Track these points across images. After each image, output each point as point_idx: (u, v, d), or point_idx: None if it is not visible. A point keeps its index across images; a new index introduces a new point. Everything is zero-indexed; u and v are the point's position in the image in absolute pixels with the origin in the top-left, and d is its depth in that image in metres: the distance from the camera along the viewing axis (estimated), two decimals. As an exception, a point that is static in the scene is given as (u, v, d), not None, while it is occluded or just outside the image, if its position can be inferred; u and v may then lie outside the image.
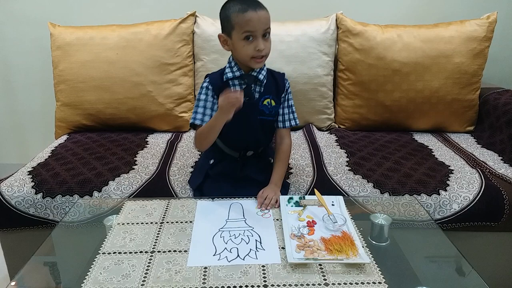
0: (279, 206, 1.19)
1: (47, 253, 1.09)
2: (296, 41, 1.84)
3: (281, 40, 1.81)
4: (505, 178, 1.44)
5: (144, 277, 0.91)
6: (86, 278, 0.90)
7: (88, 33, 1.84)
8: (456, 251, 1.04)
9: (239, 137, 1.31)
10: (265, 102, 1.29)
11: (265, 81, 1.28)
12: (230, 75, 1.26)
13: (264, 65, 1.28)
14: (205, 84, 1.28)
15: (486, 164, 1.55)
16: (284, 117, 1.36)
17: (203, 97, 1.27)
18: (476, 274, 0.95)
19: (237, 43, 1.19)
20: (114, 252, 0.99)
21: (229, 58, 1.28)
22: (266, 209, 1.18)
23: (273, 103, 1.30)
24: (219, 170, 1.34)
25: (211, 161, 1.36)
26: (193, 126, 1.34)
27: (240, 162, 1.34)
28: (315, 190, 1.23)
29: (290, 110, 1.37)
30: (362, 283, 0.89)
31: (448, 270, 1.07)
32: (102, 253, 0.99)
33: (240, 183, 1.31)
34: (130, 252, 0.99)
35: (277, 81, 1.32)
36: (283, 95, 1.34)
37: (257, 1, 1.19)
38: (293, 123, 1.37)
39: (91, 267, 0.94)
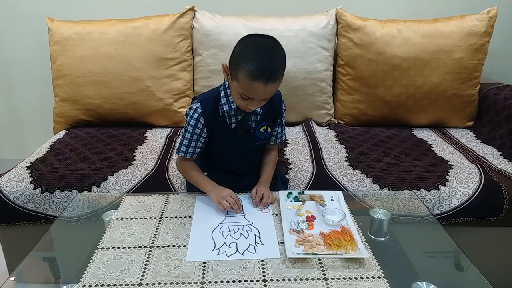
0: (273, 201, 1.19)
1: (45, 248, 1.08)
2: (295, 36, 1.83)
3: (281, 35, 1.78)
4: (504, 173, 1.44)
5: (143, 271, 0.90)
6: (84, 273, 0.90)
7: (87, 27, 1.83)
8: (455, 246, 1.04)
9: (236, 164, 1.29)
10: (261, 130, 1.24)
11: (261, 111, 1.21)
12: (226, 108, 1.16)
13: None
14: (196, 115, 1.17)
15: (486, 159, 1.55)
16: (277, 135, 1.31)
17: (190, 129, 1.18)
18: (475, 269, 0.95)
19: (234, 92, 1.10)
20: (113, 247, 0.99)
21: (225, 84, 1.17)
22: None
23: (269, 129, 1.25)
24: (215, 180, 1.23)
25: (205, 174, 1.27)
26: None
27: (236, 174, 1.31)
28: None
29: (282, 128, 1.32)
30: (362, 277, 0.89)
31: (447, 265, 1.07)
32: (101, 248, 0.99)
33: (241, 178, 1.31)
34: (129, 247, 0.99)
35: (273, 105, 1.23)
36: (279, 119, 1.28)
37: (275, 69, 1.04)
38: (283, 138, 1.34)
39: (90, 262, 0.94)
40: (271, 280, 0.88)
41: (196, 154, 1.23)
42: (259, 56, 1.03)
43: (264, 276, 0.89)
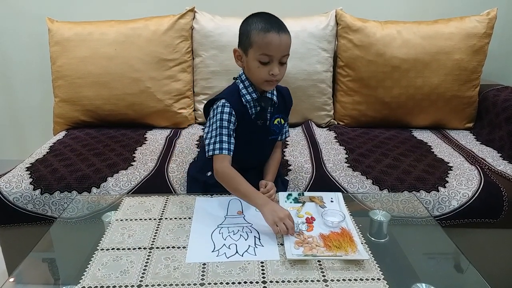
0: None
1: (45, 249, 1.08)
2: (295, 37, 1.80)
3: None
4: (504, 174, 1.44)
5: (143, 273, 0.90)
6: (84, 275, 0.90)
7: (87, 28, 1.83)
8: (455, 248, 1.03)
9: (249, 158, 1.27)
10: (275, 122, 1.27)
11: (277, 102, 1.25)
12: (248, 97, 1.19)
13: None
14: (227, 109, 1.15)
15: (485, 161, 1.55)
16: (282, 130, 1.34)
17: (225, 124, 1.15)
18: (475, 271, 0.95)
19: (252, 63, 1.13)
20: (113, 248, 0.99)
21: (242, 76, 1.20)
22: None
23: (282, 121, 1.29)
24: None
25: (209, 173, 1.28)
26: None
27: (240, 171, 1.28)
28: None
29: (287, 123, 1.36)
30: (361, 279, 0.89)
31: (447, 266, 1.07)
32: (101, 249, 0.99)
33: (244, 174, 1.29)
34: (129, 248, 0.99)
35: (284, 97, 1.29)
36: (289, 110, 1.33)
37: (281, 23, 1.13)
38: (287, 134, 1.38)
39: (90, 263, 0.93)
40: (271, 281, 0.88)
41: (232, 151, 1.15)
42: (265, 17, 1.13)
43: (263, 277, 0.89)
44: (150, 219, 1.12)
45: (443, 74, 1.80)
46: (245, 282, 0.88)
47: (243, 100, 1.19)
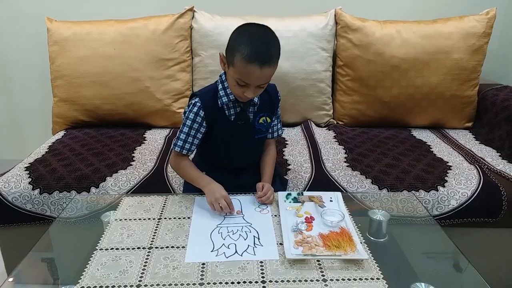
0: (272, 202, 1.19)
1: (44, 249, 1.08)
2: (294, 37, 1.83)
3: (280, 35, 1.75)
4: (503, 174, 1.44)
5: (142, 273, 0.90)
6: (83, 274, 0.90)
7: (86, 28, 1.82)
8: (454, 247, 1.03)
9: (236, 159, 1.28)
10: (261, 121, 1.25)
11: (259, 102, 1.22)
12: (225, 99, 1.18)
13: None
14: (195, 109, 1.18)
15: (484, 160, 1.55)
16: (273, 128, 1.32)
17: (189, 123, 1.18)
18: (474, 270, 0.95)
19: (230, 79, 1.13)
20: (112, 248, 0.99)
21: (222, 77, 1.20)
22: (264, 204, 1.18)
23: (268, 119, 1.27)
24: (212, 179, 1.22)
25: (203, 173, 1.26)
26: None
27: (234, 173, 1.31)
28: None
29: (278, 120, 1.33)
30: (360, 279, 0.89)
31: (446, 266, 1.07)
32: (100, 249, 0.99)
33: (238, 176, 1.30)
34: (128, 248, 0.99)
35: (270, 95, 1.25)
36: (276, 109, 1.29)
37: (269, 52, 1.07)
38: (280, 132, 1.35)
39: (88, 263, 0.93)
40: (270, 281, 0.88)
41: (192, 152, 1.23)
42: (254, 40, 1.07)
43: (263, 277, 0.89)
44: (149, 218, 1.12)
45: (442, 73, 1.80)
46: (244, 282, 0.88)
47: (219, 102, 1.18)
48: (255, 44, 1.06)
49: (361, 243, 1.00)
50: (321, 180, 1.42)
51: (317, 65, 1.85)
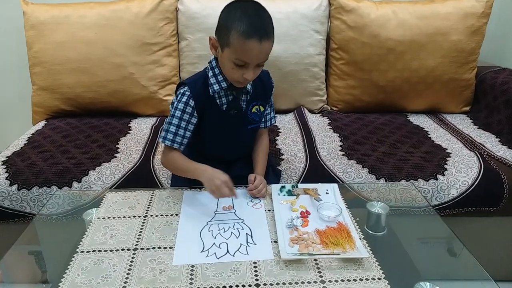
0: (265, 195, 1.13)
1: (23, 248, 1.02)
2: (286, 19, 1.74)
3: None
4: (504, 161, 1.39)
5: (126, 278, 0.84)
6: (62, 281, 0.83)
7: (64, 11, 1.72)
8: (455, 238, 0.99)
9: (228, 150, 1.22)
10: (253, 110, 1.18)
11: (252, 90, 1.16)
12: (216, 87, 1.10)
13: None
14: (184, 98, 1.10)
15: (484, 146, 1.50)
16: (266, 117, 1.26)
17: (178, 114, 1.10)
18: (476, 261, 0.91)
19: (226, 62, 1.04)
20: (94, 250, 0.92)
21: (212, 63, 1.12)
22: (256, 197, 1.12)
23: (261, 108, 1.20)
24: None
25: None
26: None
27: (225, 165, 1.23)
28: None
29: (271, 109, 1.27)
30: (361, 279, 0.83)
31: (447, 257, 1.03)
32: (81, 252, 0.92)
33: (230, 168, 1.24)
34: (111, 250, 0.92)
35: (263, 82, 1.19)
36: (269, 96, 1.24)
37: (266, 24, 1.02)
38: (273, 121, 1.29)
39: (68, 268, 0.86)
40: (264, 284, 0.82)
41: (184, 145, 1.14)
42: (248, 15, 1.01)
43: (256, 279, 0.83)
44: (134, 216, 1.05)
45: (439, 56, 1.73)
46: (237, 286, 0.82)
47: (210, 91, 1.11)
48: (250, 18, 1.00)
49: (360, 239, 0.94)
50: (316, 170, 1.36)
51: (310, 49, 1.77)
